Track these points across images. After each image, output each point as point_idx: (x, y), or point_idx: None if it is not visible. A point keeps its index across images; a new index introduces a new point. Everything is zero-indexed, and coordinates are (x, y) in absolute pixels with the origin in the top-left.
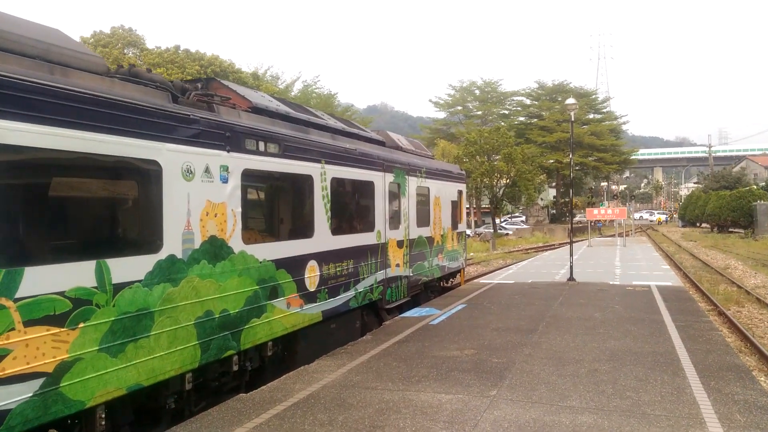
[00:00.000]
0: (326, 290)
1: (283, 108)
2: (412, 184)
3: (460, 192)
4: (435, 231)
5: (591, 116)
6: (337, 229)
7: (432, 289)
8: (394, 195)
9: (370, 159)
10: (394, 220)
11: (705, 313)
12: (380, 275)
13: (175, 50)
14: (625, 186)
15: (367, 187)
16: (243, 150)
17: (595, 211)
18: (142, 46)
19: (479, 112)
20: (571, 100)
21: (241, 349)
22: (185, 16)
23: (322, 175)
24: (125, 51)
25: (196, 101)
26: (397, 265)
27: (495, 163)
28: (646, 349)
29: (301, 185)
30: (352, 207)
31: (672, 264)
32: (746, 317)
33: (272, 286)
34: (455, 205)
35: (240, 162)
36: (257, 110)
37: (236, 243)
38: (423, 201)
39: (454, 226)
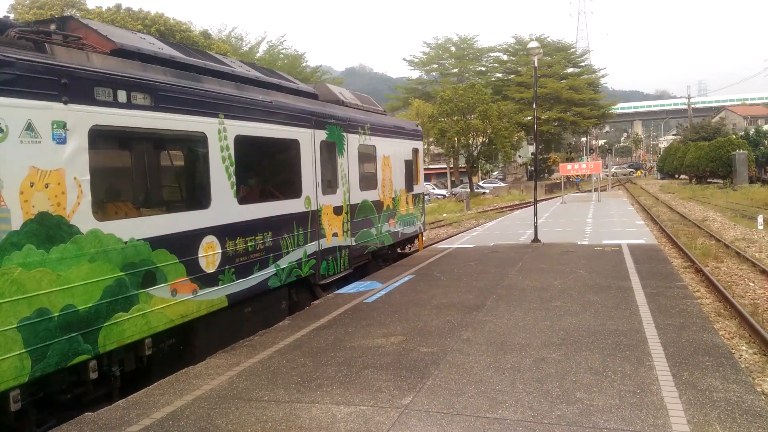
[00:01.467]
0: (232, 270)
1: (167, 51)
2: (353, 142)
3: (415, 150)
4: (384, 194)
5: (570, 71)
6: (246, 197)
7: (384, 258)
8: (329, 155)
9: (293, 113)
10: (329, 183)
11: (679, 276)
12: (311, 247)
13: (117, 9)
14: (605, 141)
15: (289, 147)
16: (91, 101)
17: (569, 166)
18: (81, 6)
19: (455, 70)
20: (533, 44)
21: (99, 352)
22: None
23: (220, 132)
24: (63, 12)
25: (16, 39)
26: (335, 235)
27: (471, 121)
28: (607, 326)
29: (188, 144)
30: (267, 170)
31: (648, 218)
32: (725, 274)
33: (147, 271)
34: (409, 165)
35: (86, 117)
36: (124, 53)
37: (84, 220)
38: (368, 161)
39: (409, 188)
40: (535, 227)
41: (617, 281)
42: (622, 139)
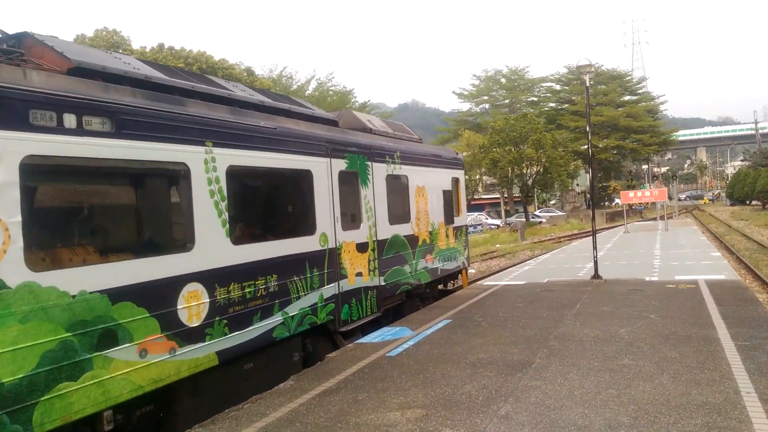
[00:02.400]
0: (224, 322)
1: (143, 71)
2: (380, 171)
3: (455, 180)
4: (419, 228)
5: (626, 98)
6: (243, 237)
7: (422, 297)
8: (350, 186)
9: (303, 141)
10: (352, 218)
11: None
12: (329, 290)
13: (159, 48)
14: (668, 168)
15: (299, 178)
16: (25, 126)
17: (631, 194)
18: (126, 47)
19: (506, 101)
20: (584, 61)
21: None
22: (201, 22)
23: (207, 162)
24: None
25: None
26: (359, 274)
27: (524, 150)
28: (693, 397)
29: (163, 177)
30: (272, 205)
31: (722, 247)
32: None
33: (105, 330)
34: (449, 196)
35: (16, 145)
36: (83, 72)
37: (12, 271)
38: (398, 192)
39: (449, 220)
40: (595, 261)
41: (699, 329)
42: (686, 166)
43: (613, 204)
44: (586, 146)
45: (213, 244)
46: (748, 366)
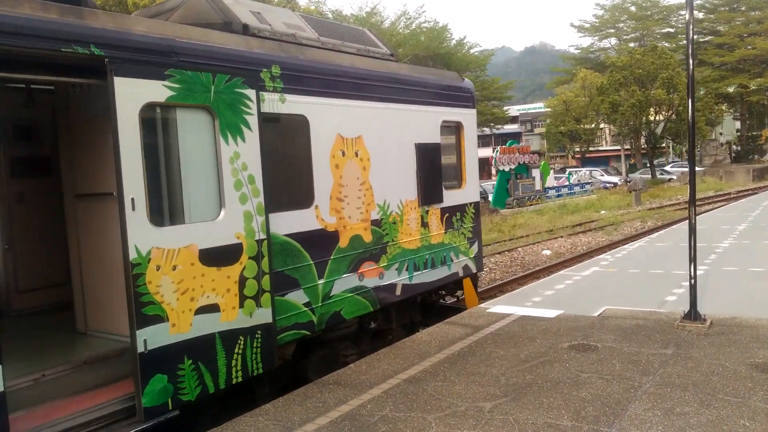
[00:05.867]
0: None
1: None
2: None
3: (452, 126)
4: (342, 215)
5: None
6: None
7: (359, 338)
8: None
9: None
10: (155, 200)
11: None
12: None
13: None
14: None
15: None
16: None
17: None
18: None
19: (635, 34)
20: None
21: None
22: None
23: None
24: None
25: None
26: (201, 311)
27: (651, 92)
28: None
29: None
30: None
31: None
32: None
33: None
34: (432, 154)
35: None
36: None
37: None
38: (285, 150)
39: (431, 196)
40: (692, 287)
41: None
42: None
43: (765, 158)
44: (733, 87)
45: None
46: None
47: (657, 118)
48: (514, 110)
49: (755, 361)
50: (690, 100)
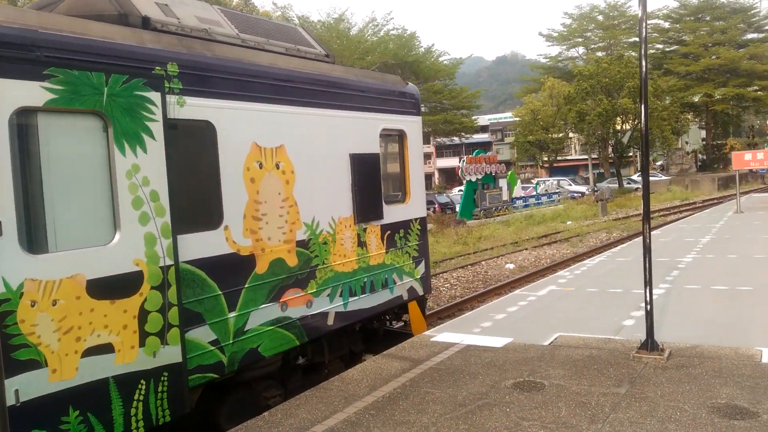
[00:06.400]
0: None
1: None
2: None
3: (394, 135)
4: (260, 237)
5: (750, 36)
6: None
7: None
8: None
9: None
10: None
11: None
12: None
13: None
14: None
15: None
16: None
17: (748, 155)
18: None
19: (602, 43)
20: None
21: None
22: None
23: None
24: None
25: None
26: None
27: (618, 101)
28: None
29: None
30: None
31: None
32: None
33: None
34: (371, 165)
35: None
36: None
37: None
38: (192, 161)
39: (370, 213)
40: (648, 313)
41: None
42: None
43: (729, 167)
44: (698, 96)
45: None
46: None
47: (624, 127)
48: (484, 119)
49: (717, 403)
50: (643, 106)
